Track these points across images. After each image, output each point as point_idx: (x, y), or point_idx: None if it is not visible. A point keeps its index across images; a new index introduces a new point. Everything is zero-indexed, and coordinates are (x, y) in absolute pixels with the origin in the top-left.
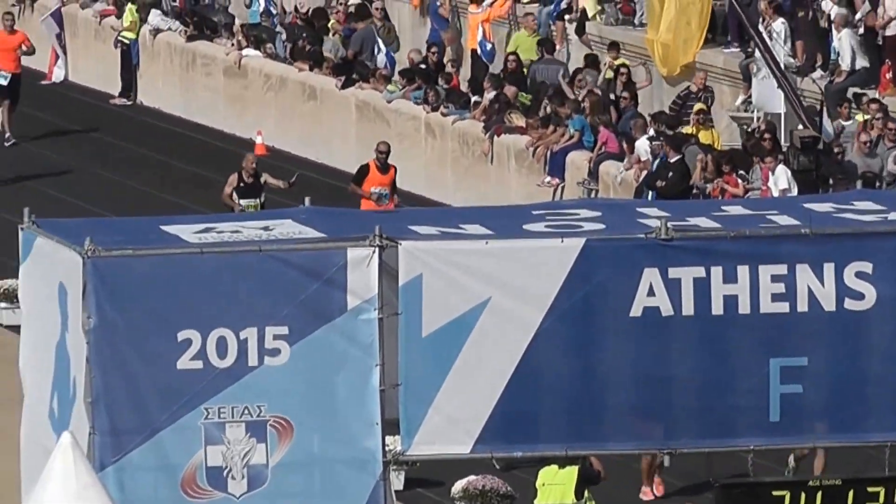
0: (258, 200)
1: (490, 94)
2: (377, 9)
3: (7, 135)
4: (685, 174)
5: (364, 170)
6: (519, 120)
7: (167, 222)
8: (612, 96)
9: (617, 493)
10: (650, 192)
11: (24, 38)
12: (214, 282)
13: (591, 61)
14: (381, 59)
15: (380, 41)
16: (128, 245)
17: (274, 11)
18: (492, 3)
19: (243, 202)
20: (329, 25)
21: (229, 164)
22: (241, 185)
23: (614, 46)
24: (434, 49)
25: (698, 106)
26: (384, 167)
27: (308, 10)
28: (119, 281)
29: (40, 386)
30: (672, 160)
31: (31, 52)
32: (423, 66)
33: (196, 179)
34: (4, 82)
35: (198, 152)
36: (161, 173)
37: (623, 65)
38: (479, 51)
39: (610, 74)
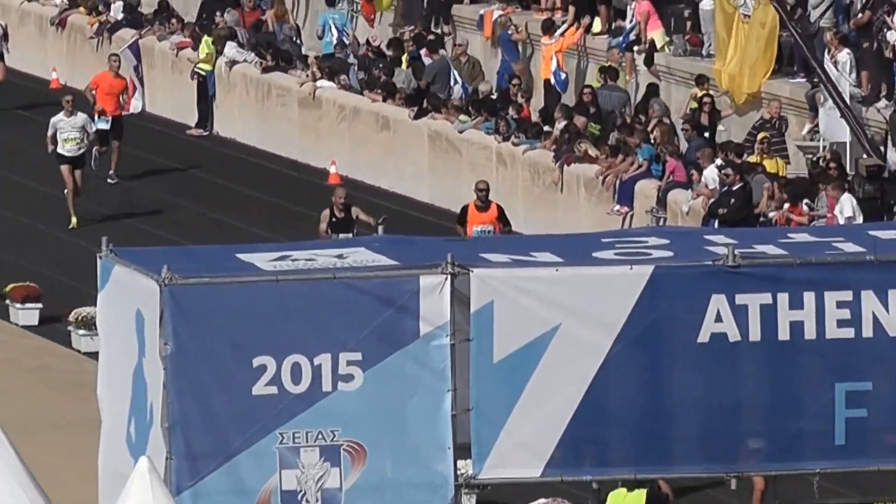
0: (350, 235)
1: (560, 124)
2: (458, 44)
3: (111, 172)
4: (747, 201)
5: (464, 210)
6: (589, 149)
7: (243, 251)
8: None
9: None
10: (715, 220)
11: (126, 84)
12: (289, 309)
13: (653, 91)
14: (456, 90)
15: (455, 72)
16: (204, 273)
17: (347, 42)
18: (563, 33)
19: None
20: (402, 57)
21: (303, 194)
22: (333, 219)
23: (703, 79)
24: (506, 79)
25: (762, 135)
26: (484, 205)
27: (381, 42)
28: (195, 308)
29: (118, 411)
30: (735, 188)
31: (127, 100)
32: (493, 96)
33: (271, 209)
34: (106, 126)
35: (273, 182)
36: (237, 203)
37: (707, 94)
38: (552, 80)
39: (694, 105)
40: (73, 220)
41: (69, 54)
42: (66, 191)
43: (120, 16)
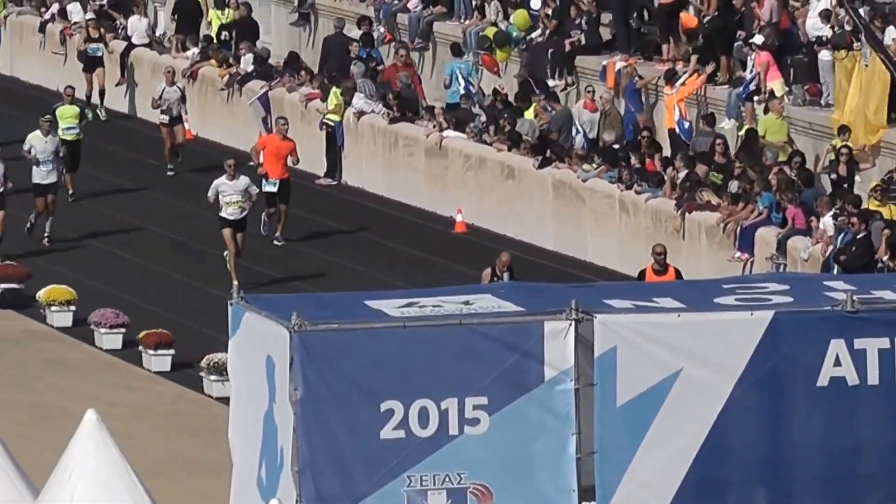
0: None
1: (682, 173)
2: (601, 97)
3: (278, 234)
4: (868, 248)
5: (642, 274)
6: (710, 197)
7: (372, 297)
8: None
9: None
10: (836, 267)
11: (293, 146)
12: (416, 354)
13: (753, 136)
14: (578, 139)
15: (577, 122)
16: (333, 319)
17: (473, 92)
18: (683, 83)
19: None
20: (528, 108)
21: (430, 242)
22: (494, 279)
23: (844, 129)
24: (631, 129)
25: (873, 182)
26: (662, 268)
27: (507, 92)
28: (324, 354)
29: (249, 455)
30: (857, 235)
31: (296, 162)
32: (617, 145)
33: (399, 256)
34: (273, 189)
35: (400, 230)
36: (365, 250)
37: (846, 146)
38: (676, 129)
39: (832, 156)
40: (235, 283)
41: (200, 106)
42: (226, 253)
43: (250, 67)
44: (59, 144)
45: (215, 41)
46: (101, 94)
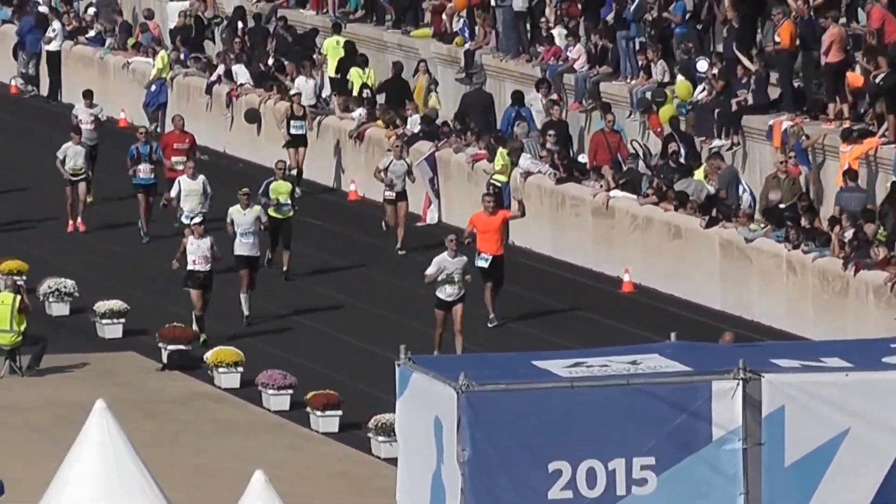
0: None
1: (849, 232)
2: (782, 162)
3: (491, 315)
4: None
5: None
6: (878, 256)
7: (539, 357)
8: None
9: None
10: None
11: (506, 216)
12: (584, 414)
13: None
14: (745, 198)
15: (742, 181)
16: (501, 380)
17: (640, 153)
18: (858, 142)
19: None
20: (697, 167)
21: (598, 301)
22: None
23: None
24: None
25: None
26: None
27: (671, 152)
28: (492, 414)
29: None
30: None
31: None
32: (783, 205)
33: (566, 316)
34: (485, 264)
35: (567, 290)
36: (533, 311)
37: None
38: (845, 188)
39: None
40: (436, 352)
41: (368, 167)
42: (437, 332)
43: (417, 128)
44: (259, 215)
45: (358, 98)
46: (300, 172)
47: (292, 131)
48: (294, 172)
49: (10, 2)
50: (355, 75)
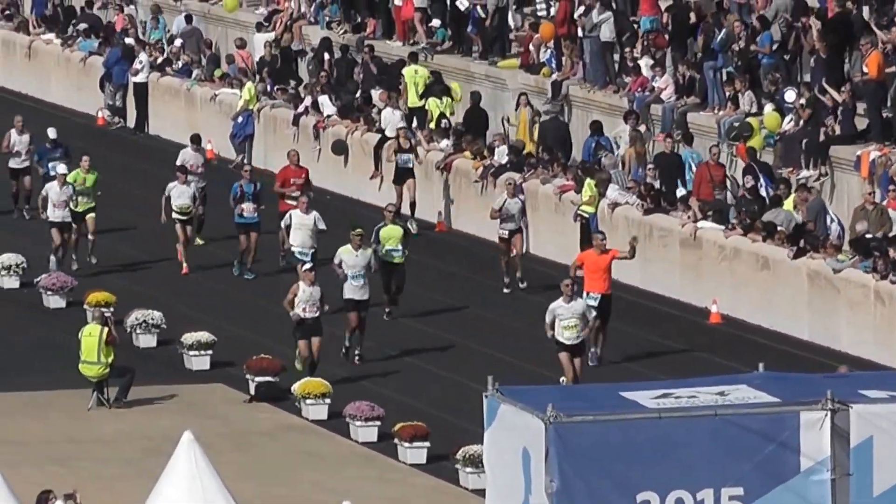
0: None
1: None
2: (868, 193)
3: (592, 350)
4: None
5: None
6: None
7: (626, 388)
8: None
9: None
10: None
11: (615, 255)
12: (672, 445)
13: None
14: (833, 228)
15: (830, 211)
16: (588, 411)
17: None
18: None
19: None
20: (787, 197)
21: (685, 333)
22: None
23: None
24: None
25: None
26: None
27: (749, 186)
28: (580, 445)
29: None
30: None
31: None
32: (869, 235)
33: (653, 347)
34: (594, 303)
35: (655, 321)
36: (622, 342)
37: None
38: None
39: None
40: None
41: (455, 198)
42: (562, 379)
43: (504, 159)
44: (370, 258)
45: (435, 128)
46: (412, 206)
47: (399, 164)
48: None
49: (97, 33)
50: (433, 105)
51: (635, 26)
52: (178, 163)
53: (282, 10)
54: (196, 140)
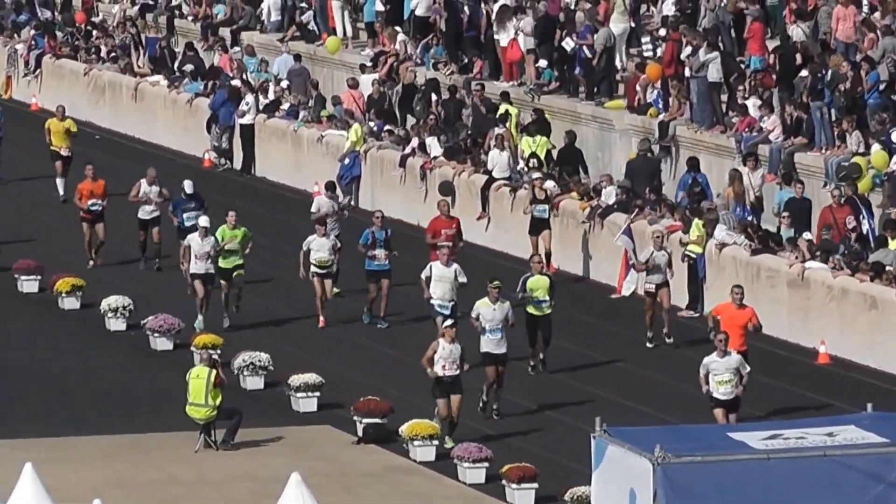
0: None
1: None
2: None
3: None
4: None
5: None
6: None
7: (734, 429)
8: None
9: None
10: None
11: (751, 314)
12: (780, 485)
13: None
14: None
15: None
16: (696, 452)
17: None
18: None
19: None
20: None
21: (794, 374)
22: None
23: None
24: None
25: None
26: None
27: (852, 227)
28: (688, 486)
29: None
30: None
31: (758, 329)
32: None
33: (763, 389)
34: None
35: (764, 362)
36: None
37: None
38: None
39: None
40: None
41: (562, 240)
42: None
43: (612, 200)
44: (508, 312)
45: (525, 168)
46: (548, 256)
47: (535, 215)
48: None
49: (203, 75)
50: (525, 144)
51: (742, 66)
52: (315, 212)
53: (388, 51)
54: (331, 187)
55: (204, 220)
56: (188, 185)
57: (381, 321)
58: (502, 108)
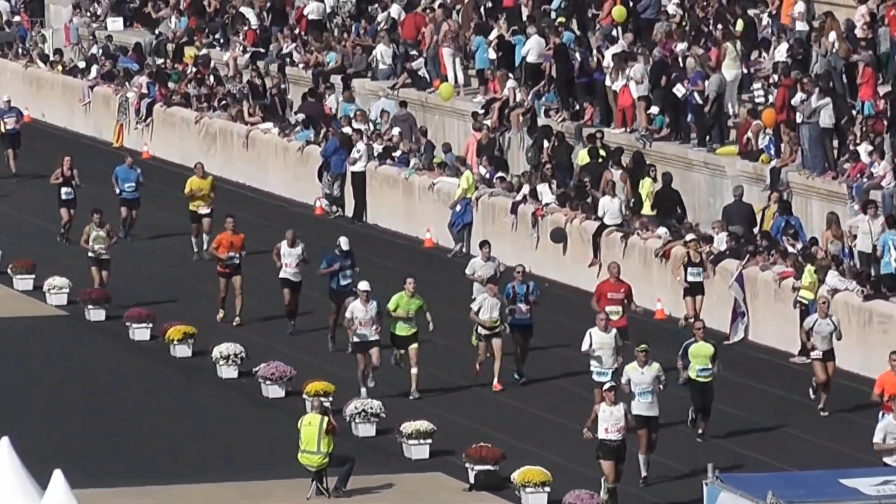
0: None
1: None
2: None
3: None
4: None
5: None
6: None
7: (845, 475)
8: None
9: None
10: None
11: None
12: None
13: None
14: None
15: None
16: (808, 498)
17: None
18: None
19: None
20: None
21: None
22: None
23: None
24: None
25: None
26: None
27: None
28: None
29: None
30: None
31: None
32: None
33: (872, 433)
34: None
35: (874, 409)
36: (839, 427)
37: None
38: None
39: None
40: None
41: (673, 285)
42: None
43: (723, 246)
44: (658, 374)
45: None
46: (696, 316)
47: (689, 279)
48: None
49: (315, 123)
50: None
51: (854, 112)
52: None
53: (499, 98)
54: (486, 245)
55: (364, 285)
56: (344, 242)
57: (515, 374)
58: (583, 152)
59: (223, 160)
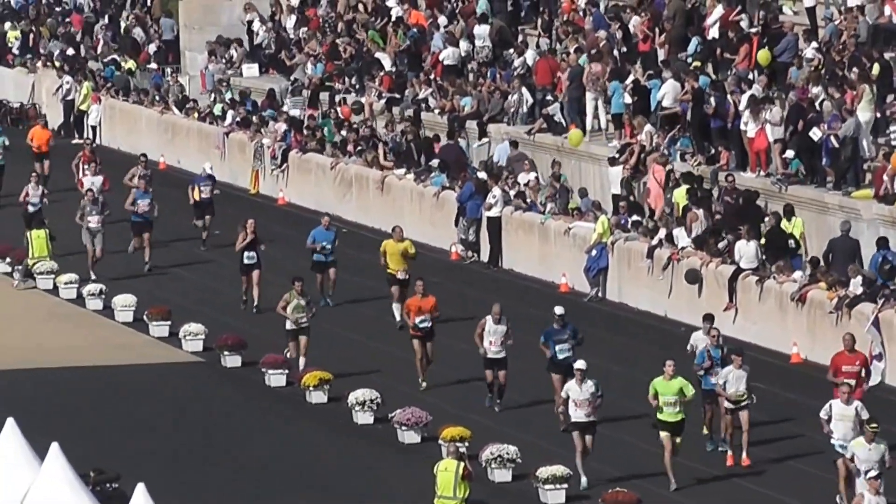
0: None
1: None
2: None
3: None
4: None
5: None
6: None
7: None
8: None
9: None
10: None
11: None
12: None
13: None
14: None
15: None
16: None
17: None
18: None
19: None
20: None
21: None
22: None
23: None
24: None
25: None
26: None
27: None
28: None
29: None
30: None
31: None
32: None
33: None
34: None
35: None
36: None
37: None
38: None
39: None
40: None
41: (809, 329)
42: None
43: (859, 290)
44: (885, 453)
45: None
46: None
47: None
48: None
49: (450, 168)
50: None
51: None
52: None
53: (633, 142)
54: (709, 319)
55: (581, 364)
56: (559, 310)
57: (718, 443)
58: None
59: (358, 206)
